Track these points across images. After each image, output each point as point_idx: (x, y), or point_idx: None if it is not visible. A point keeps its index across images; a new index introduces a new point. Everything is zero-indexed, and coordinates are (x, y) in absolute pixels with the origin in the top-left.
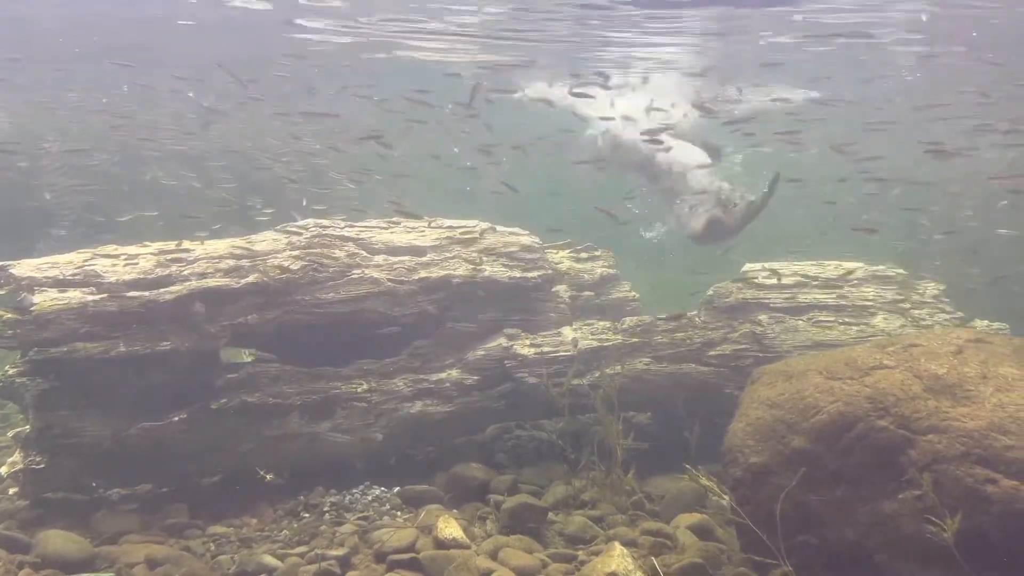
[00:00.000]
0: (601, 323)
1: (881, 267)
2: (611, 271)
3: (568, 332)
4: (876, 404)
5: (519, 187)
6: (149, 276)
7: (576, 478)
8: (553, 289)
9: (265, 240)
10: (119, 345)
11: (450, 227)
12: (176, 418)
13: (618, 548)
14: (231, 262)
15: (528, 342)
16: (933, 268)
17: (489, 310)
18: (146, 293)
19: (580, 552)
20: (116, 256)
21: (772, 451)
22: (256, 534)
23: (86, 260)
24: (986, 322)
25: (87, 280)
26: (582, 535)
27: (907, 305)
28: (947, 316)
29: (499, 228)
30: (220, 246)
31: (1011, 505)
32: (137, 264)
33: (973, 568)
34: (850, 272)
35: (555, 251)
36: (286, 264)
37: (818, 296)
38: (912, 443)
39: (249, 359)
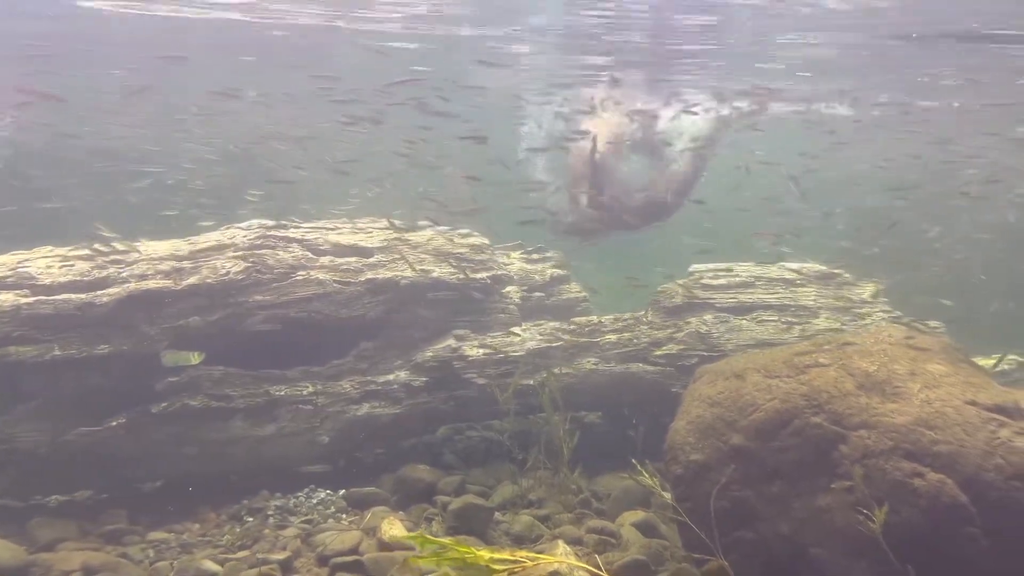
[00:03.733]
0: (550, 323)
1: (823, 268)
2: (562, 272)
3: (518, 333)
4: (811, 401)
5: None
6: (85, 278)
7: (524, 478)
8: (503, 290)
9: (208, 241)
10: (54, 348)
11: (398, 227)
12: (115, 423)
13: (561, 546)
14: (172, 263)
15: (477, 343)
16: (875, 270)
17: (438, 311)
18: (82, 295)
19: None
20: (51, 258)
21: (712, 448)
22: (197, 539)
23: (19, 262)
24: (923, 320)
25: (20, 282)
26: (528, 534)
27: (847, 305)
28: (886, 316)
29: (448, 229)
30: (161, 247)
31: (937, 498)
32: (73, 266)
33: (901, 560)
34: (793, 273)
35: (506, 252)
36: (229, 265)
37: (762, 296)
38: (844, 439)
39: (196, 361)
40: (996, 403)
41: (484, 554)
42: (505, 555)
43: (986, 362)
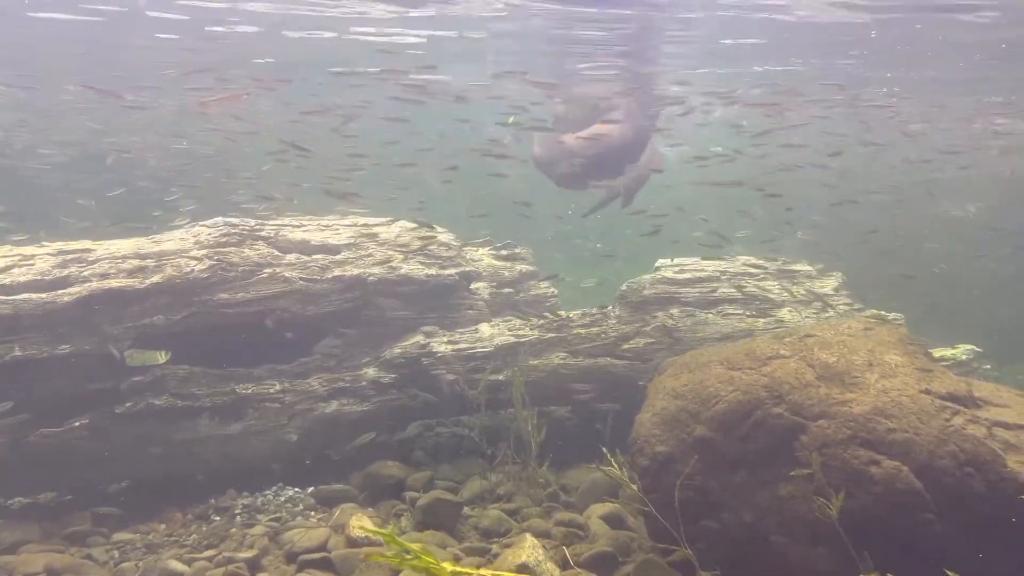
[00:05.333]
0: (519, 319)
1: (786, 261)
2: (531, 268)
3: (486, 329)
4: (772, 392)
5: None
6: (46, 277)
7: (493, 472)
8: (472, 286)
9: (172, 239)
10: (14, 349)
11: (365, 225)
12: (78, 424)
13: (529, 540)
14: (135, 262)
15: (446, 339)
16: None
17: (406, 308)
18: (43, 295)
19: (494, 545)
20: (11, 257)
21: (676, 440)
22: (163, 539)
23: None
24: (882, 312)
25: None
26: (497, 528)
27: (810, 298)
28: (848, 307)
29: (416, 225)
30: (125, 245)
31: (892, 484)
32: (34, 265)
33: (858, 545)
34: (758, 267)
35: (475, 249)
36: (193, 264)
37: (727, 291)
38: (804, 428)
39: (162, 360)
40: (950, 391)
41: (447, 567)
42: (469, 570)
43: (944, 352)
